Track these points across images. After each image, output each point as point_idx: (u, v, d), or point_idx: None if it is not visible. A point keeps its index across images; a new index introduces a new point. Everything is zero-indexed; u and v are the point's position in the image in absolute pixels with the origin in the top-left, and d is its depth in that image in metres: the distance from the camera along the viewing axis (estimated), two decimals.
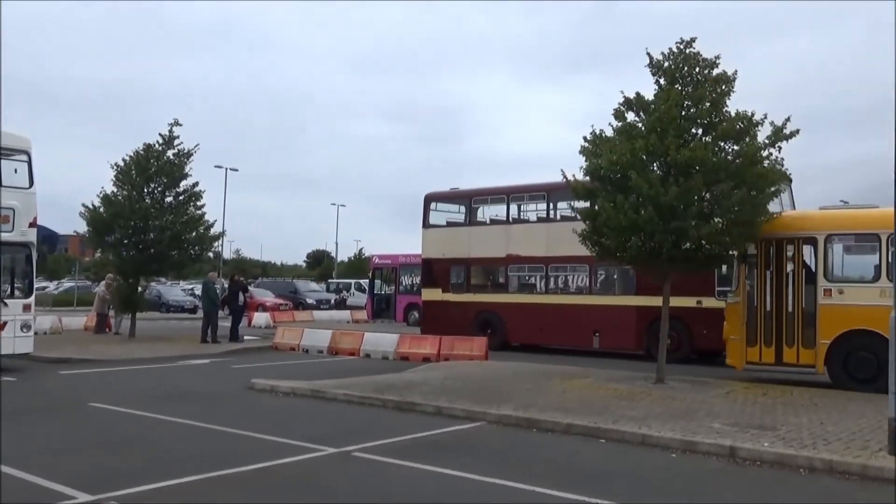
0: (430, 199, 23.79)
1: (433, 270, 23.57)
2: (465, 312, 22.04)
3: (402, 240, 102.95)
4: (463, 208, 23.64)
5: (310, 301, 42.01)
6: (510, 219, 22.29)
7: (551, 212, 21.39)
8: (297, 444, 8.58)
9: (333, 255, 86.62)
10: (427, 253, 23.70)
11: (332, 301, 44.28)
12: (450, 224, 23.83)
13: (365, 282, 41.53)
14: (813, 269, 13.79)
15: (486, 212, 23.58)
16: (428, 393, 11.90)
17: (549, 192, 20.94)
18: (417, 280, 31.78)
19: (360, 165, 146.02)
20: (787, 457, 7.96)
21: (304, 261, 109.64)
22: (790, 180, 16.47)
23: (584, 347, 20.19)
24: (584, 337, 20.11)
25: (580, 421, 9.64)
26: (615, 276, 20.38)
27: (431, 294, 23.39)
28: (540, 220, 21.61)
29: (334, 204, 76.72)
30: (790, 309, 13.90)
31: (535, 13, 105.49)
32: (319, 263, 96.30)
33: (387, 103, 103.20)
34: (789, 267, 14.13)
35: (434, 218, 23.70)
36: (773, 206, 14.11)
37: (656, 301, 14.54)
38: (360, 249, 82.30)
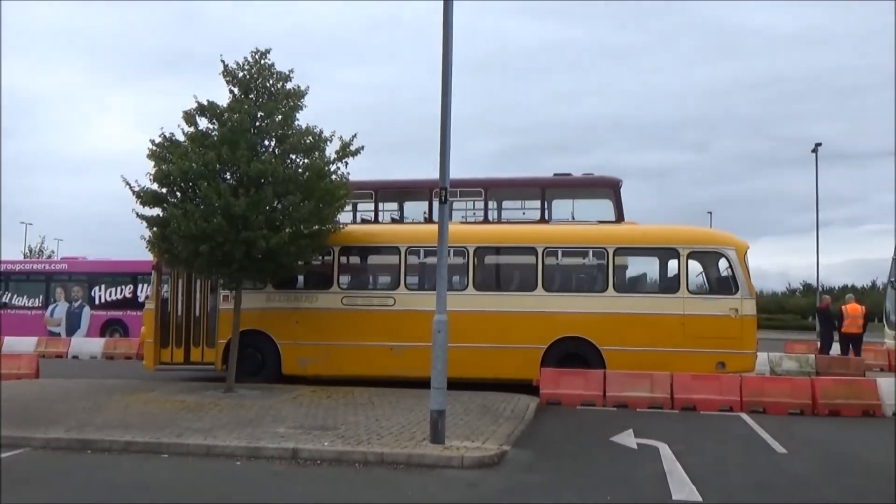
0: None
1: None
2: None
3: None
4: None
5: None
6: None
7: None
8: None
9: None
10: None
11: None
12: None
13: None
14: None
15: None
16: None
17: (376, 191, 18.30)
18: None
19: None
20: (344, 453, 8.51)
21: None
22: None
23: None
24: None
25: (141, 437, 9.17)
26: None
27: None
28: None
29: None
30: (198, 314, 15.45)
31: (117, 8, 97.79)
32: None
33: None
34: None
35: None
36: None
37: None
38: None
